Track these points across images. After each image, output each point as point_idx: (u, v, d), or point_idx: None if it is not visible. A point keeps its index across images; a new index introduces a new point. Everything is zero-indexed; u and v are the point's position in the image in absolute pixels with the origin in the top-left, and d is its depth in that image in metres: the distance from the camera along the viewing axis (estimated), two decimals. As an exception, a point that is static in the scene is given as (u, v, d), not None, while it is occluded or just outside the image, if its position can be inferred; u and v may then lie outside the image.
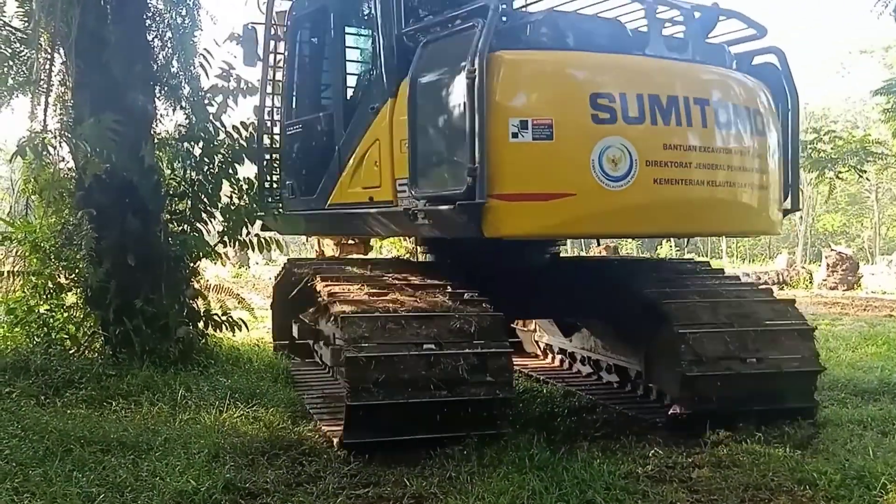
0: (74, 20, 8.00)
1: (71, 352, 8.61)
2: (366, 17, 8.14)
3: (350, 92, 8.44)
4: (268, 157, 9.67)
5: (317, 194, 8.45)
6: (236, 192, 9.50)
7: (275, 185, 9.66)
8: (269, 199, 9.59)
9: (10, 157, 8.91)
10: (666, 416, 7.20)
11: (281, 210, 9.27)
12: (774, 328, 7.18)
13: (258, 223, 9.75)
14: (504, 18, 6.51)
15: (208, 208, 9.29)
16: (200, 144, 9.25)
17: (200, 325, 9.23)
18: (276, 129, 9.66)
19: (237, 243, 9.54)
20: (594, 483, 5.44)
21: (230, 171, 9.36)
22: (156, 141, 9.21)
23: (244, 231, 9.40)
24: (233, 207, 9.35)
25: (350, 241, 10.25)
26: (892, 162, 26.41)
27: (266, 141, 9.70)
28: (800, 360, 7.09)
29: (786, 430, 6.87)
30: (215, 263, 9.82)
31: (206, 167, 9.23)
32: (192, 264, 9.26)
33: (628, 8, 7.56)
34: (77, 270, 8.82)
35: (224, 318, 9.50)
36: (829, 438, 6.76)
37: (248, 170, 9.76)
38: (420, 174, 6.71)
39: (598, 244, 27.79)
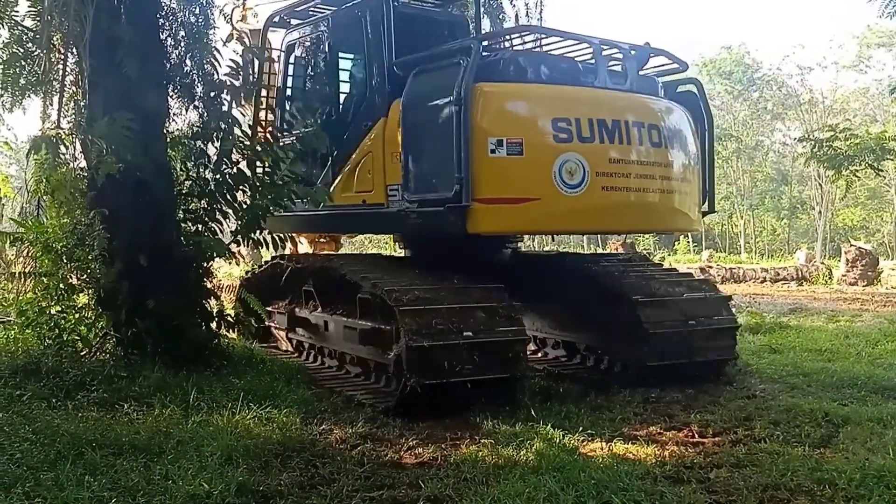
0: (88, 20, 7.96)
1: (82, 353, 8.57)
2: (358, 47, 9.52)
3: (341, 110, 9.76)
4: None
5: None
6: (249, 190, 9.42)
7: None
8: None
9: (27, 152, 8.88)
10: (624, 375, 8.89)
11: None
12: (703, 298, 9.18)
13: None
14: (489, 54, 8.18)
15: (224, 208, 9.22)
16: (216, 144, 9.19)
17: (213, 325, 9.18)
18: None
19: (251, 242, 9.50)
20: (611, 484, 5.38)
21: (255, 172, 9.29)
22: (169, 140, 9.17)
23: (258, 230, 9.36)
24: (245, 206, 9.28)
25: (322, 240, 11.91)
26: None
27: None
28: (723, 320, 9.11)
29: (805, 429, 6.86)
30: (230, 264, 9.83)
31: (224, 166, 9.16)
32: (205, 264, 9.19)
33: (578, 46, 9.00)
34: (89, 271, 8.79)
35: (237, 318, 9.45)
36: (848, 437, 6.70)
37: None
38: (413, 181, 8.18)
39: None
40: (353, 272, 8.59)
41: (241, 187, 9.17)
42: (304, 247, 12.25)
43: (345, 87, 10.00)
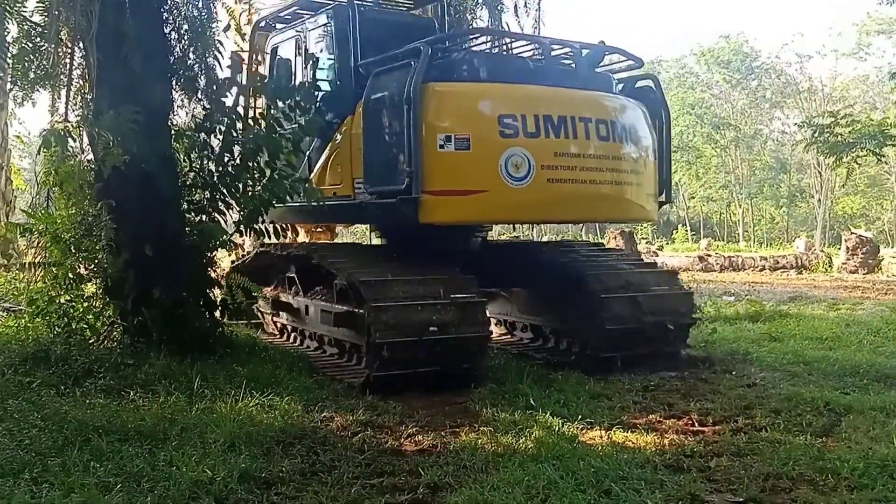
0: (95, 15, 8.03)
1: (90, 342, 8.68)
2: (329, 49, 9.91)
3: (317, 108, 9.86)
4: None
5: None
6: (252, 181, 9.48)
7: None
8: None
9: (39, 147, 8.97)
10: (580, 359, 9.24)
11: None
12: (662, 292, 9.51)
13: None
14: (441, 55, 8.67)
15: (227, 199, 9.30)
16: (219, 136, 9.24)
17: (217, 314, 9.27)
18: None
19: (253, 232, 9.58)
20: (610, 472, 5.42)
21: (249, 162, 9.34)
22: (173, 132, 9.24)
23: (260, 219, 9.43)
24: (248, 196, 9.35)
25: (318, 230, 12.70)
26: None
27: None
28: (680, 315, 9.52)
29: (806, 418, 6.86)
30: (230, 255, 9.93)
31: (227, 158, 9.22)
32: (209, 254, 9.27)
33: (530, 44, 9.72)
34: (96, 261, 8.91)
35: (237, 306, 9.54)
36: (851, 426, 6.69)
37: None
38: (371, 175, 8.70)
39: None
40: (321, 257, 9.21)
41: (243, 178, 9.25)
42: (301, 236, 12.87)
43: (322, 87, 10.23)
